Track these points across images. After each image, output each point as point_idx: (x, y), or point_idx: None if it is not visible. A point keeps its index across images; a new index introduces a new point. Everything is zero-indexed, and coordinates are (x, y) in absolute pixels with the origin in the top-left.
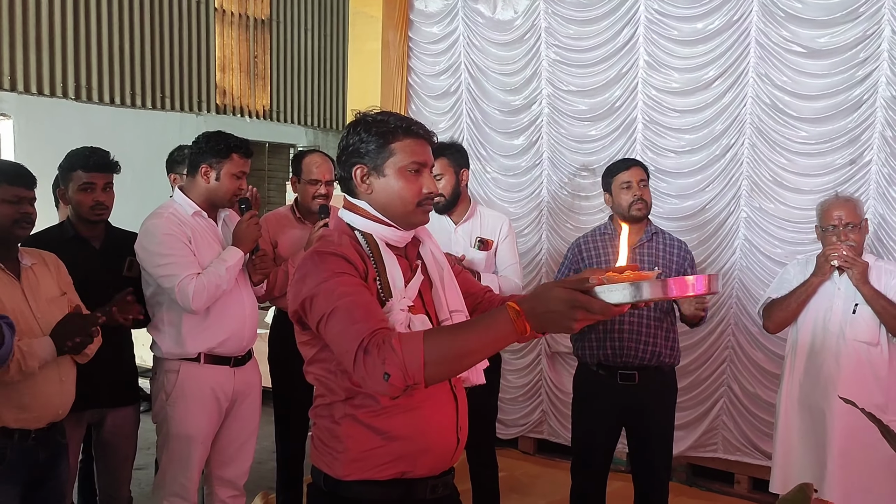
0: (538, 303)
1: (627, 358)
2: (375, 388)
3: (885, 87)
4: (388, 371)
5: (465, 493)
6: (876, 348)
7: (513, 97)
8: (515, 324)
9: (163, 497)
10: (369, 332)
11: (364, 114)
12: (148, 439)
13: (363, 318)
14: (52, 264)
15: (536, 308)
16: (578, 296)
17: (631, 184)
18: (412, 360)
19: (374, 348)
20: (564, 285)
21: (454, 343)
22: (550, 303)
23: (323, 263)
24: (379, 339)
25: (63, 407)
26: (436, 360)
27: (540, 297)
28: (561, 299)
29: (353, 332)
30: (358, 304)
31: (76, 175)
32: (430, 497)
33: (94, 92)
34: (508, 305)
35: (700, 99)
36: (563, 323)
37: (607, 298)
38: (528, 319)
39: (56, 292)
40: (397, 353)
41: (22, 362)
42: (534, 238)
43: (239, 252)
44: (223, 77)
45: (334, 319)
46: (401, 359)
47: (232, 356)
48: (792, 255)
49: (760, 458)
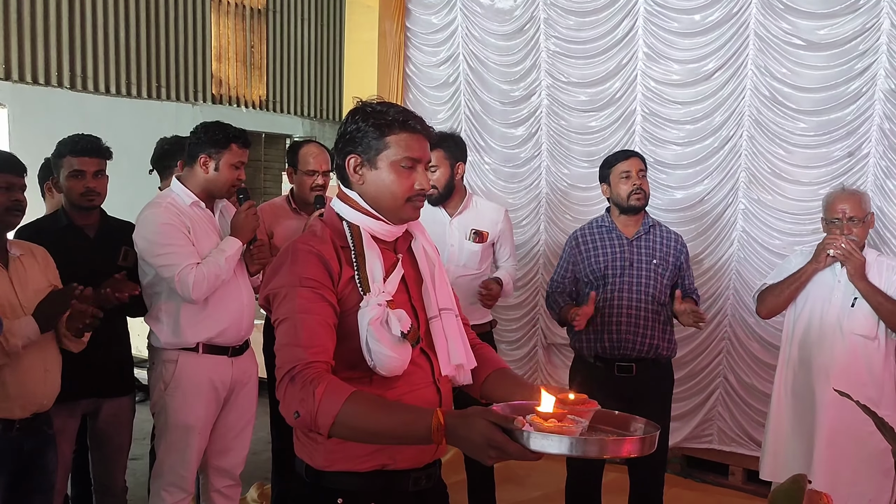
0: (461, 426)
1: (625, 350)
2: (284, 415)
3: (884, 79)
4: (300, 411)
5: (460, 484)
6: (873, 342)
7: (512, 88)
8: (433, 434)
9: (160, 487)
10: (304, 362)
11: (365, 102)
12: (144, 429)
13: (306, 343)
14: (41, 257)
15: (458, 430)
16: (499, 436)
17: (630, 174)
18: (324, 414)
19: (300, 383)
20: (489, 418)
21: (370, 421)
22: (472, 431)
23: (295, 264)
24: (309, 375)
25: (48, 397)
26: (345, 425)
27: (464, 422)
28: (481, 433)
29: (290, 355)
30: (307, 325)
31: (66, 161)
32: (412, 489)
33: (89, 81)
34: (434, 415)
35: (699, 90)
36: (477, 454)
37: (528, 444)
38: (446, 436)
39: (44, 284)
40: (314, 401)
41: (5, 343)
42: (532, 229)
43: (237, 242)
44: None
45: (283, 329)
46: (314, 409)
47: (230, 346)
48: (790, 247)
49: (755, 449)
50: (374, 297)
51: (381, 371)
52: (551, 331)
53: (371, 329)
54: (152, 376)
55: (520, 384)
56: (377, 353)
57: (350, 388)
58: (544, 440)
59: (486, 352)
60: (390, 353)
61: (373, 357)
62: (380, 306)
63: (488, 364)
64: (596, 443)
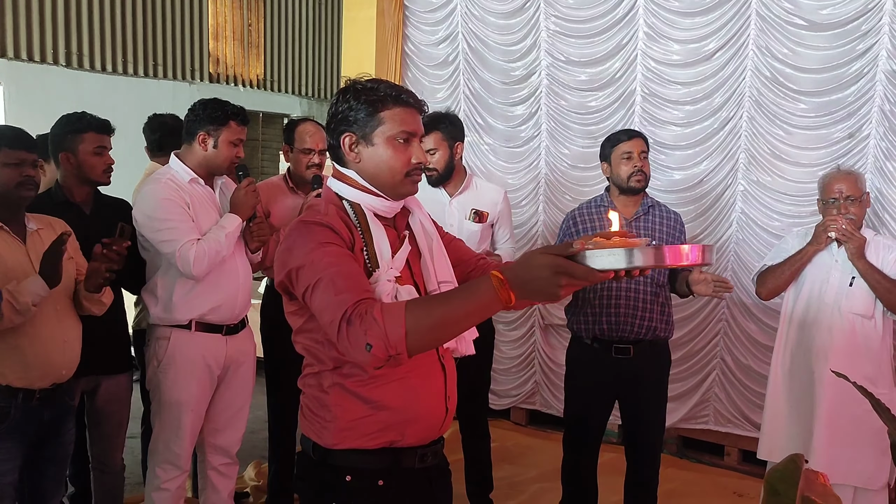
0: (521, 270)
1: (623, 332)
2: (358, 359)
3: (886, 60)
4: (371, 342)
5: (458, 463)
6: (870, 321)
7: (511, 67)
8: (499, 292)
9: (156, 464)
10: (352, 302)
11: (354, 81)
12: (140, 408)
13: (347, 288)
14: (60, 229)
15: (520, 275)
16: (561, 261)
17: (632, 154)
18: (394, 330)
19: (357, 319)
20: (548, 251)
21: (437, 312)
22: (533, 269)
23: (309, 234)
24: (362, 309)
25: (67, 367)
26: (418, 330)
27: (523, 265)
28: (544, 265)
29: (337, 303)
30: (342, 274)
31: (88, 137)
32: (418, 466)
33: (85, 59)
34: (492, 274)
35: (699, 71)
36: (548, 289)
37: (592, 263)
38: (511, 288)
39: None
40: (379, 323)
41: (13, 301)
42: (530, 209)
43: (237, 219)
44: (216, 45)
45: (319, 290)
46: (382, 329)
47: (224, 324)
48: (789, 229)
49: (751, 430)
50: (383, 274)
51: None
52: (549, 311)
53: None
54: (147, 353)
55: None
56: None
57: (403, 301)
58: (610, 256)
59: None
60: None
61: None
62: (390, 282)
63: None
64: (661, 250)
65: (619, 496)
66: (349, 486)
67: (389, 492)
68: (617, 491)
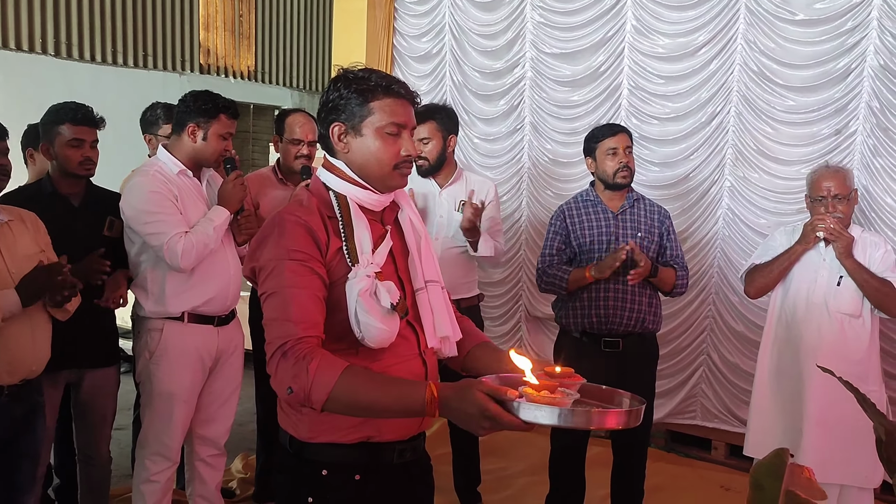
0: (454, 398)
1: (612, 326)
2: (276, 389)
3: (874, 55)
4: (293, 387)
5: (445, 457)
6: (858, 320)
7: (495, 60)
8: (427, 406)
9: (145, 455)
10: (295, 337)
11: (346, 70)
12: (129, 400)
13: (297, 318)
14: (31, 222)
15: (451, 402)
16: (492, 406)
17: (617, 150)
18: (318, 390)
19: (293, 358)
20: (483, 389)
21: (364, 395)
22: (465, 403)
23: (282, 237)
24: (300, 351)
25: (37, 364)
26: (339, 401)
27: (459, 393)
28: (475, 404)
29: (282, 330)
30: (297, 300)
31: (63, 129)
32: (397, 461)
33: (74, 49)
34: (427, 387)
35: (687, 65)
36: (471, 426)
37: (521, 415)
38: (439, 408)
39: (34, 249)
40: (308, 377)
41: None
42: (514, 204)
43: (225, 212)
44: (207, 36)
45: (272, 304)
46: (309, 384)
47: (216, 315)
48: (775, 226)
49: (738, 426)
50: (362, 269)
51: (370, 343)
52: (533, 305)
53: (360, 301)
54: (138, 345)
55: (502, 358)
56: (366, 325)
57: (343, 363)
58: (537, 411)
59: (467, 325)
60: (380, 325)
61: (361, 329)
62: (368, 278)
63: (471, 338)
64: (585, 414)
65: (607, 490)
66: (325, 479)
67: (367, 487)
68: (604, 485)
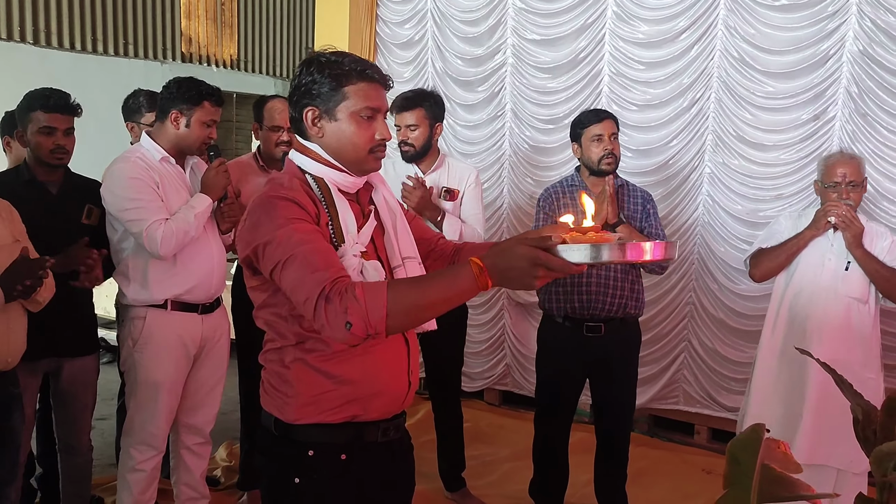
0: (500, 259)
1: (595, 310)
2: (336, 336)
3: (853, 41)
4: (350, 320)
5: (430, 443)
6: (864, 306)
7: (477, 47)
8: (478, 279)
9: (130, 444)
10: (330, 280)
11: (318, 53)
12: (111, 390)
13: (323, 265)
14: (5, 211)
15: (499, 264)
16: (540, 254)
17: (602, 137)
18: (375, 310)
19: (336, 297)
20: (527, 242)
21: (417, 295)
22: (513, 259)
23: (274, 210)
24: (341, 287)
25: (12, 356)
26: (398, 312)
27: (503, 254)
28: (523, 256)
29: (314, 280)
30: (316, 251)
31: (35, 116)
32: (381, 440)
33: (53, 37)
34: (472, 261)
35: (668, 52)
36: (524, 280)
37: (568, 257)
38: (490, 275)
39: (8, 239)
40: (361, 302)
41: None
42: (495, 192)
43: (207, 199)
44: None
45: (292, 267)
46: (363, 309)
47: (200, 303)
48: (752, 213)
49: (720, 411)
50: (349, 248)
51: None
52: (516, 292)
53: None
54: (121, 334)
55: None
56: None
57: (383, 282)
58: (587, 251)
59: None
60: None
61: None
62: (355, 257)
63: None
64: (635, 247)
65: (591, 475)
66: (311, 460)
67: (352, 466)
68: (588, 469)
